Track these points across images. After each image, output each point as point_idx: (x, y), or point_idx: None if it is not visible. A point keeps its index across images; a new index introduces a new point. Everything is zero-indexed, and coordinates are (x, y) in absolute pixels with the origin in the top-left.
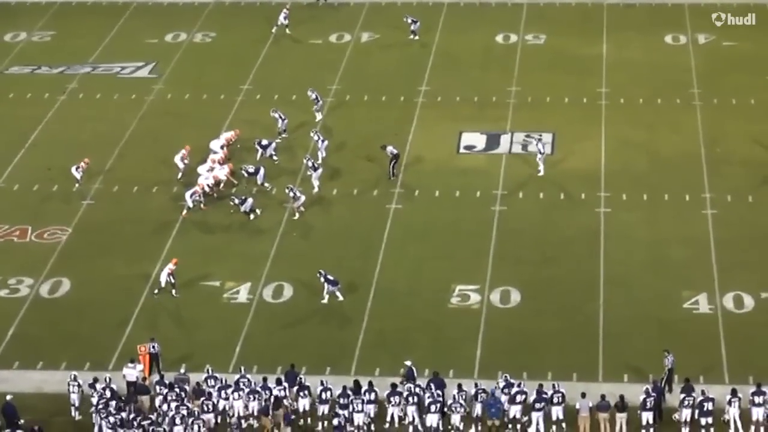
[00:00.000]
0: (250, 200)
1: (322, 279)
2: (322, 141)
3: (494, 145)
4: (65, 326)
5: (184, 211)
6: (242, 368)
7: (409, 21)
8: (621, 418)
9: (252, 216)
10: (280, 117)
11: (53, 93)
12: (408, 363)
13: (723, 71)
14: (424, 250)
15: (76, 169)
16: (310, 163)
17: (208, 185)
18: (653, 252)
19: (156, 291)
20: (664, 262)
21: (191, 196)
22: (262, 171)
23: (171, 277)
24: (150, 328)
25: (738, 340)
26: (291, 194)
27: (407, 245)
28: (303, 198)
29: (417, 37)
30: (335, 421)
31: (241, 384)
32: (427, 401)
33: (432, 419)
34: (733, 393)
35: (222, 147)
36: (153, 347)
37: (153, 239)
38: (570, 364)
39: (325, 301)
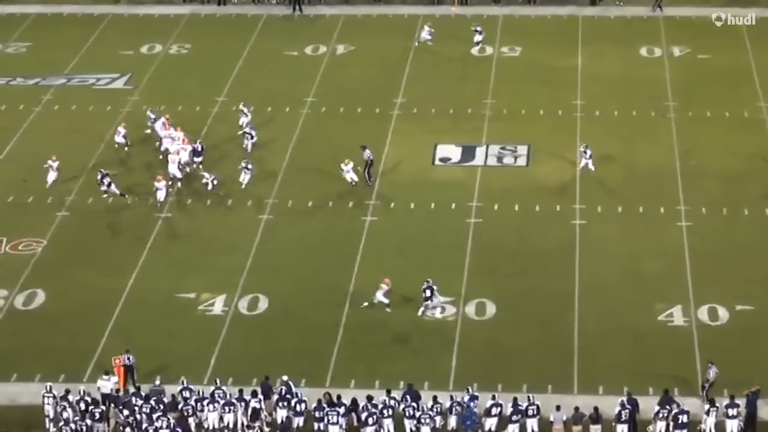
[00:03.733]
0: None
1: (428, 291)
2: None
3: (470, 157)
4: (40, 338)
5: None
6: (218, 380)
7: (477, 29)
8: (595, 429)
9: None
10: (245, 113)
11: (28, 104)
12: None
13: (698, 84)
14: (400, 262)
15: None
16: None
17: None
18: (628, 264)
19: (365, 304)
20: (639, 274)
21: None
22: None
23: (385, 297)
24: (125, 340)
25: (713, 352)
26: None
27: (383, 257)
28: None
29: (478, 49)
30: None
31: (217, 396)
32: (406, 412)
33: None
34: (712, 403)
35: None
36: (128, 359)
37: (128, 251)
38: (545, 376)
39: (420, 313)
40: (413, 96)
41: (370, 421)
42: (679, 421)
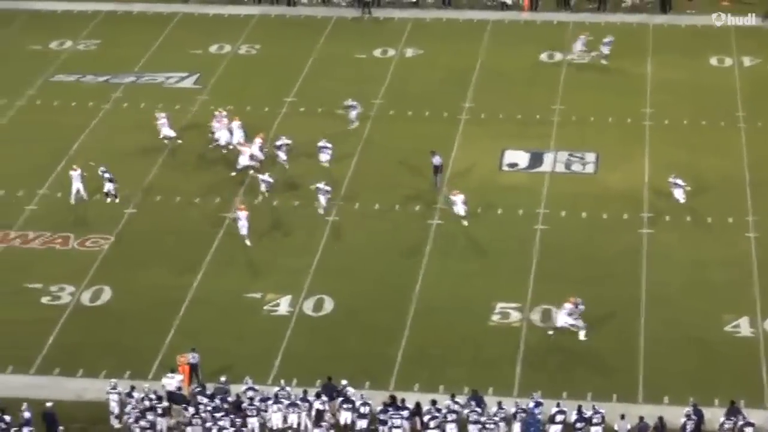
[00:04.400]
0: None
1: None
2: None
3: (537, 164)
4: (106, 335)
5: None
6: (282, 381)
7: (606, 41)
8: None
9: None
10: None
11: (97, 101)
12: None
13: None
14: (466, 267)
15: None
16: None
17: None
18: (695, 274)
19: (551, 332)
20: (706, 284)
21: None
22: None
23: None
24: (190, 339)
25: None
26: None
27: (448, 261)
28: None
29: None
30: None
31: (280, 396)
32: (470, 417)
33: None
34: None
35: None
36: (193, 357)
37: (194, 250)
38: (610, 385)
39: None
40: (481, 101)
41: (432, 424)
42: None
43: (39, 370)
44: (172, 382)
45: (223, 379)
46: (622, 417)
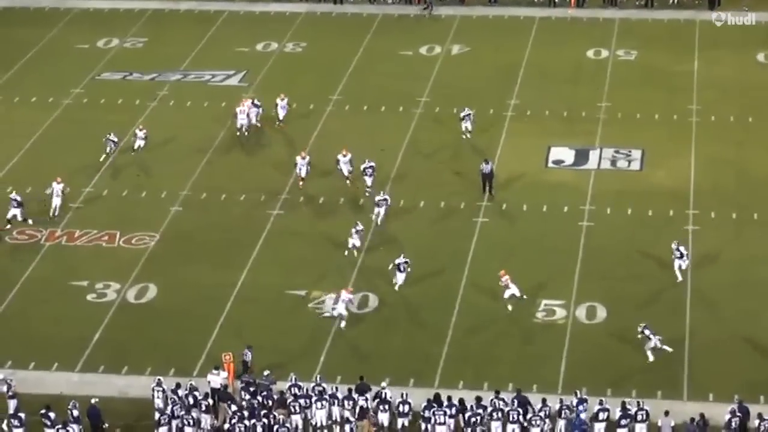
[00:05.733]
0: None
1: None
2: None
3: (583, 160)
4: (151, 332)
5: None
6: (317, 377)
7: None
8: None
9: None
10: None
11: (144, 99)
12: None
13: None
14: (510, 264)
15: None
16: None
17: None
18: (741, 271)
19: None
20: (753, 281)
21: None
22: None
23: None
24: (235, 336)
25: None
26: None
27: (493, 259)
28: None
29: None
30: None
31: (325, 394)
32: (511, 417)
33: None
34: None
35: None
36: (246, 355)
37: (240, 247)
38: (655, 382)
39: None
40: (527, 98)
41: (473, 420)
42: None
43: (84, 367)
44: (216, 379)
45: (266, 373)
46: (666, 413)
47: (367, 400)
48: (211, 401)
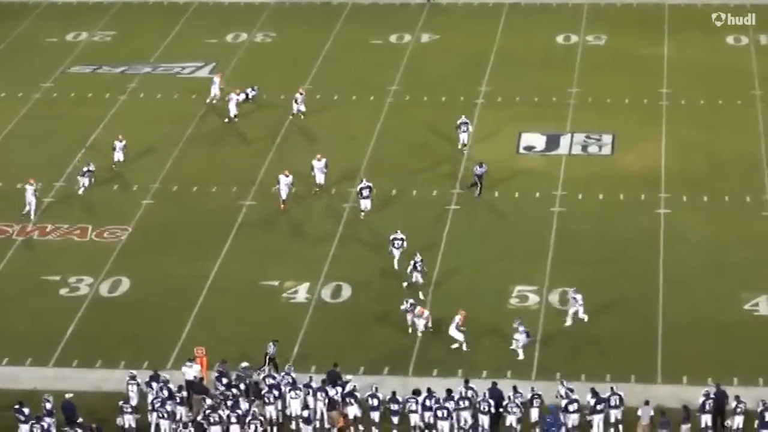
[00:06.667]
0: None
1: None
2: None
3: (554, 146)
4: (124, 325)
5: None
6: (287, 366)
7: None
8: (685, 429)
9: None
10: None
11: (114, 93)
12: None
13: None
14: (483, 251)
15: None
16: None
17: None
18: (713, 253)
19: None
20: (725, 263)
21: None
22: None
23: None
24: (208, 328)
25: None
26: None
27: (466, 246)
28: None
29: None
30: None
31: (298, 384)
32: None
33: (483, 420)
34: None
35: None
36: (269, 348)
37: (212, 239)
38: (628, 366)
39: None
40: (497, 84)
41: (440, 414)
42: (766, 419)
43: (58, 362)
44: (190, 371)
45: (244, 365)
46: (647, 403)
47: (337, 392)
48: (185, 393)
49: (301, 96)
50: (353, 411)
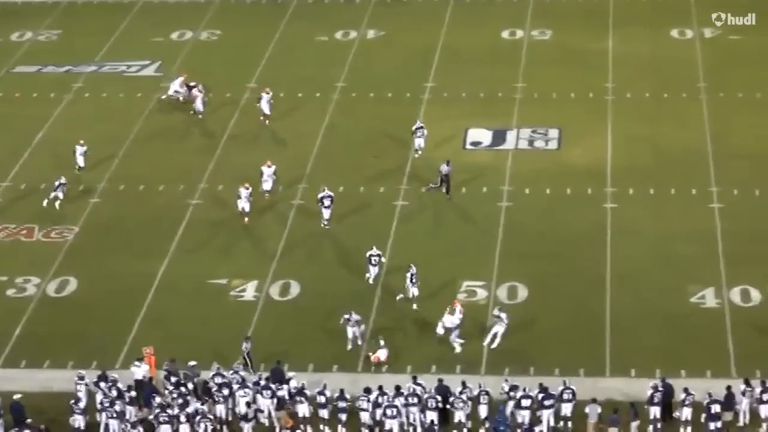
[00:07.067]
0: None
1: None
2: None
3: (500, 141)
4: (72, 325)
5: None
6: (235, 364)
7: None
8: (635, 426)
9: None
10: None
11: (59, 92)
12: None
13: (729, 65)
14: (431, 247)
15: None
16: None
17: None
18: (660, 247)
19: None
20: (671, 256)
21: None
22: None
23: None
24: (157, 327)
25: (745, 334)
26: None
27: (414, 241)
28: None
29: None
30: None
31: (247, 382)
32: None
33: (431, 416)
34: (747, 384)
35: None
36: (245, 345)
37: (159, 238)
38: (577, 360)
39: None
40: (443, 80)
41: (389, 412)
42: (712, 412)
43: (6, 362)
44: (139, 370)
45: (192, 364)
46: (594, 400)
47: (285, 390)
48: (134, 393)
49: (267, 95)
50: (303, 409)
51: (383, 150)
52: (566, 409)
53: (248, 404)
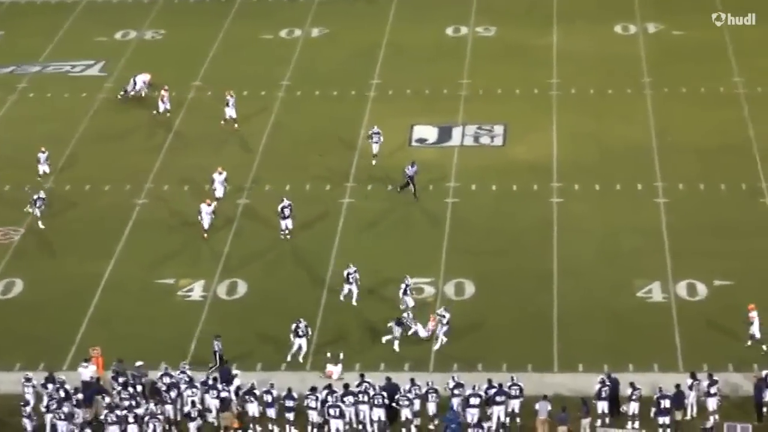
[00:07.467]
0: None
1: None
2: None
3: (446, 138)
4: (19, 327)
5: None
6: (183, 364)
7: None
8: (585, 423)
9: None
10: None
11: (3, 93)
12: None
13: (673, 60)
14: (378, 244)
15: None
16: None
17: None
18: (606, 241)
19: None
20: (617, 251)
21: None
22: None
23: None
24: (104, 327)
25: (692, 327)
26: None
27: (361, 239)
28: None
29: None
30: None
31: (194, 382)
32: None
33: (378, 413)
34: (693, 377)
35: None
36: (216, 345)
37: (105, 238)
38: (525, 356)
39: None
40: (388, 78)
41: (332, 412)
42: (662, 407)
43: None
44: (86, 371)
45: (139, 364)
46: (545, 397)
47: (230, 391)
48: (81, 395)
49: (232, 99)
50: (252, 409)
51: (329, 148)
52: (513, 405)
53: (193, 403)
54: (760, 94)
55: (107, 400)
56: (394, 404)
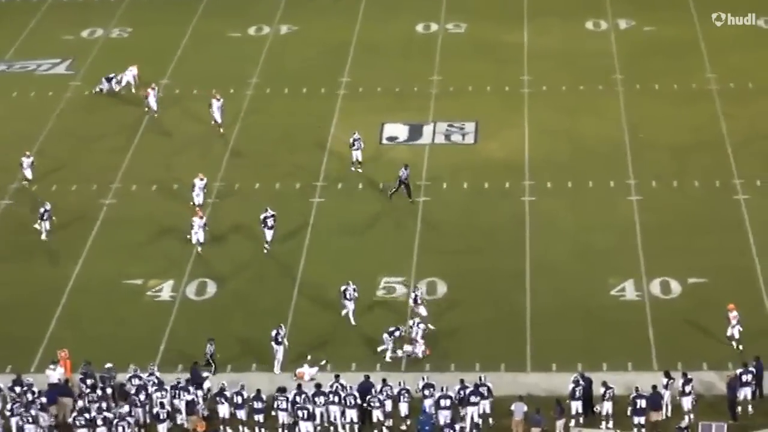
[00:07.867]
0: None
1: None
2: None
3: (417, 136)
4: None
5: None
6: (151, 365)
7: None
8: (560, 424)
9: None
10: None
11: None
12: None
13: (645, 56)
14: (349, 243)
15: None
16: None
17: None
18: (579, 239)
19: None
20: (590, 249)
21: None
22: None
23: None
24: (73, 328)
25: (666, 326)
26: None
27: (332, 238)
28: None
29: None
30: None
31: (164, 384)
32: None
33: (351, 414)
34: (668, 376)
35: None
36: (208, 348)
37: (73, 238)
38: (498, 355)
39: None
40: (358, 75)
41: (301, 414)
42: (638, 407)
43: None
44: (54, 374)
45: (108, 366)
46: (520, 398)
47: (196, 394)
48: (45, 399)
49: (218, 102)
50: (223, 410)
51: (298, 146)
52: (484, 405)
53: (162, 404)
54: (733, 90)
55: (80, 403)
56: (365, 405)
